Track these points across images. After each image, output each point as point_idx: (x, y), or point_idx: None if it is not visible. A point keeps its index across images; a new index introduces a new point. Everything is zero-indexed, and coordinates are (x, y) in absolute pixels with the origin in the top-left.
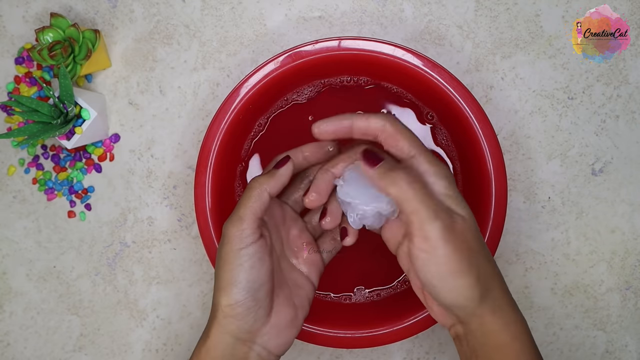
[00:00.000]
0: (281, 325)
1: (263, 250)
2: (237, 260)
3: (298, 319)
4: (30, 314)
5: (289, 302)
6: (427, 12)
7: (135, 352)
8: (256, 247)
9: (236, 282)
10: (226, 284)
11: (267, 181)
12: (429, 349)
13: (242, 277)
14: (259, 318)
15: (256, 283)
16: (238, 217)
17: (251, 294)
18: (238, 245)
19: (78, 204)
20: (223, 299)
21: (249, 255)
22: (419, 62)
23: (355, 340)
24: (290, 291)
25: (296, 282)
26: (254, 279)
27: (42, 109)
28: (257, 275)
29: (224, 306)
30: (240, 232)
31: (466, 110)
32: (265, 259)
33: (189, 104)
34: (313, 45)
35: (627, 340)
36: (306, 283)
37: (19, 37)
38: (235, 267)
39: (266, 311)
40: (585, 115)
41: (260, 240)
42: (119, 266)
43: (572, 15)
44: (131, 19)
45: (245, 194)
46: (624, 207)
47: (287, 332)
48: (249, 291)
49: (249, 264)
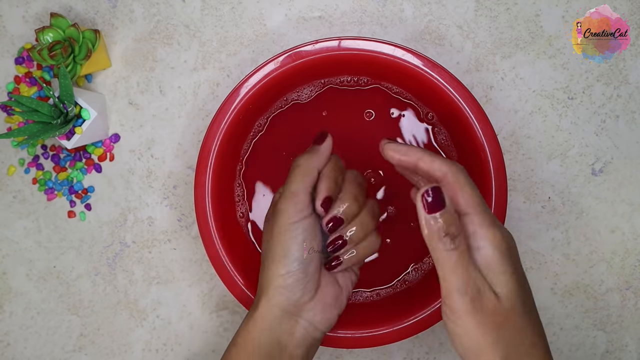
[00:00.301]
0: (326, 301)
1: (315, 225)
2: (292, 232)
3: (342, 298)
4: (30, 314)
5: (334, 281)
6: (427, 12)
7: (135, 352)
8: (309, 221)
9: (290, 253)
10: (280, 255)
11: (312, 157)
12: (429, 349)
13: (295, 248)
14: (307, 291)
15: (308, 256)
16: (291, 192)
17: (303, 266)
18: (292, 219)
19: (78, 204)
20: (276, 269)
21: (303, 228)
22: (419, 62)
23: (355, 340)
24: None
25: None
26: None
27: (42, 109)
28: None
29: (276, 276)
30: (295, 205)
31: (466, 110)
32: (317, 234)
33: (189, 104)
34: (313, 45)
35: (627, 340)
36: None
37: (19, 37)
38: (289, 239)
39: (314, 285)
40: (585, 115)
41: (313, 215)
42: (119, 266)
43: (572, 15)
44: (131, 19)
45: (294, 172)
46: (624, 207)
47: (332, 309)
48: (302, 263)
49: (303, 236)
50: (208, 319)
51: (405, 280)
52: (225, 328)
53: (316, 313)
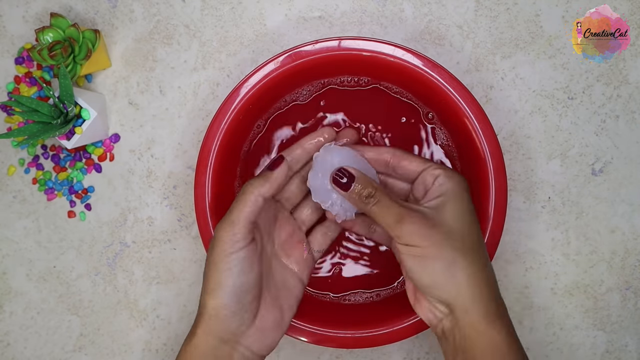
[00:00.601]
0: (266, 327)
1: (253, 255)
2: (227, 264)
3: (284, 321)
4: (30, 314)
5: (275, 304)
6: (427, 12)
7: (135, 352)
8: (246, 252)
9: (223, 286)
10: (214, 287)
11: (262, 185)
12: (429, 349)
13: (230, 281)
14: (244, 321)
15: (243, 288)
16: (230, 221)
17: (238, 298)
18: (229, 250)
19: (78, 204)
20: (209, 301)
21: (238, 259)
22: (419, 62)
23: (355, 340)
24: (278, 293)
25: (285, 284)
26: (242, 283)
27: (42, 109)
28: (246, 280)
29: (210, 308)
30: (232, 236)
31: (466, 110)
32: (255, 264)
33: (189, 104)
34: (313, 45)
35: (627, 340)
36: (297, 283)
37: (19, 37)
38: (224, 271)
39: (252, 315)
40: (585, 115)
41: (251, 244)
42: (119, 266)
43: (572, 15)
44: (131, 19)
45: (239, 198)
46: (624, 207)
47: (272, 334)
48: (236, 295)
49: (239, 268)
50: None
51: None
52: None
53: (255, 340)
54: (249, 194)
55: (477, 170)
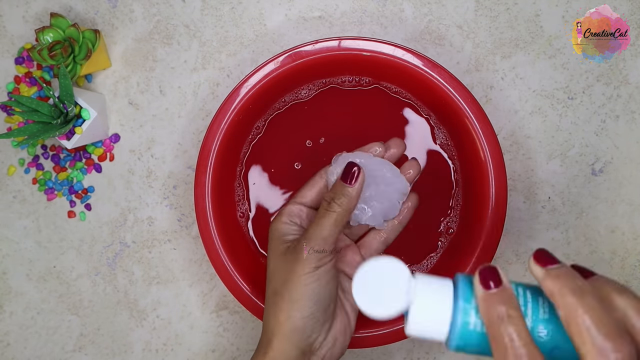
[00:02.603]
0: (338, 334)
1: (335, 268)
2: (313, 277)
3: (351, 324)
4: (30, 314)
5: (341, 310)
6: (427, 12)
7: (135, 352)
8: (331, 265)
9: (311, 297)
10: (300, 298)
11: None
12: (429, 349)
13: (317, 292)
14: (323, 331)
15: (327, 299)
16: (322, 238)
17: (323, 309)
18: (316, 264)
19: (78, 204)
20: (296, 312)
21: (325, 272)
22: (419, 62)
23: (355, 340)
24: (341, 299)
25: (343, 287)
26: (327, 295)
27: (42, 109)
28: (330, 291)
29: (295, 319)
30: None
31: (466, 110)
32: (336, 276)
33: (189, 104)
34: (313, 45)
35: None
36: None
37: (19, 37)
38: (311, 283)
39: (330, 324)
40: (585, 115)
41: (335, 259)
42: (119, 266)
43: (572, 15)
44: (131, 19)
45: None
46: (624, 207)
47: (342, 340)
48: (322, 306)
49: (325, 280)
50: (208, 319)
51: None
52: (225, 328)
53: (329, 348)
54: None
55: (477, 170)
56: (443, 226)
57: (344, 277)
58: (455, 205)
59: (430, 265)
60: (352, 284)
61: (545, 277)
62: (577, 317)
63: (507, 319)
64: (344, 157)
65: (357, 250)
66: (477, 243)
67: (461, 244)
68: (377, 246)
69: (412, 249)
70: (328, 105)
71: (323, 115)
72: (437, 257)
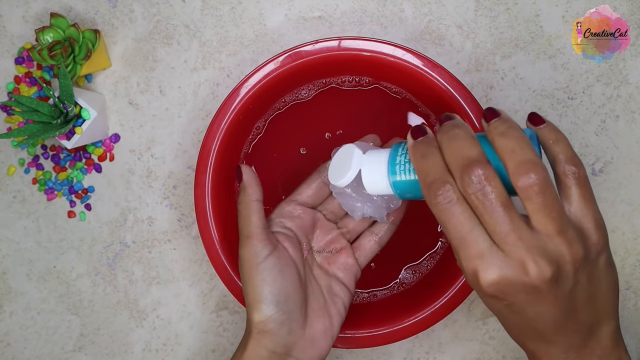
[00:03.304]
0: (316, 336)
1: (282, 262)
2: (258, 275)
3: (333, 328)
4: (30, 314)
5: (323, 311)
6: (427, 12)
7: (135, 352)
8: (273, 259)
9: (262, 298)
10: (253, 301)
11: (246, 192)
12: (429, 349)
13: (267, 291)
14: (293, 331)
15: (282, 295)
16: (245, 236)
17: (280, 308)
18: (255, 261)
19: (78, 204)
20: (254, 316)
21: (268, 268)
22: (419, 62)
23: (355, 340)
24: (325, 300)
25: (331, 290)
26: (279, 291)
27: (42, 109)
28: (281, 287)
29: (256, 323)
30: (252, 248)
31: (466, 111)
32: (287, 270)
33: (189, 104)
34: (313, 45)
35: (627, 340)
36: (342, 289)
37: (19, 37)
38: (258, 283)
39: (300, 323)
40: (585, 115)
41: (276, 251)
42: (119, 266)
43: (572, 15)
44: (131, 19)
45: (240, 215)
46: (624, 207)
47: (322, 343)
48: (277, 304)
49: (271, 277)
50: (208, 319)
51: (403, 282)
52: (225, 328)
53: (306, 350)
54: (243, 204)
55: None
56: None
57: (335, 280)
58: None
59: (431, 266)
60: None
61: (488, 131)
62: (505, 146)
63: (428, 155)
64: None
65: (351, 253)
66: None
67: None
68: (372, 247)
69: (412, 249)
70: (328, 105)
71: (323, 115)
72: (437, 257)
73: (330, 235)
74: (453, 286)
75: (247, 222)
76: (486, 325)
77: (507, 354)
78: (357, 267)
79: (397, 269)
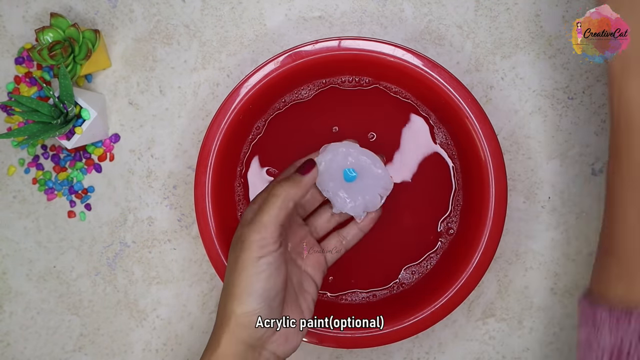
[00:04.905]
0: (290, 331)
1: (281, 260)
2: (256, 268)
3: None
4: (30, 314)
5: (296, 307)
6: (427, 12)
7: (135, 352)
8: (275, 256)
9: (253, 291)
10: (242, 292)
11: (293, 190)
12: (429, 349)
13: (259, 286)
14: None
15: (272, 292)
16: (262, 224)
17: (267, 303)
18: (258, 253)
19: (78, 204)
20: (238, 307)
21: (267, 264)
22: (419, 62)
23: (355, 340)
24: (297, 296)
25: (302, 286)
26: (271, 288)
27: (42, 109)
28: (274, 284)
29: (238, 314)
30: (262, 240)
31: (466, 110)
32: (282, 268)
33: (189, 104)
34: (313, 45)
35: None
36: (311, 285)
37: (19, 37)
38: (252, 275)
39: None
40: (585, 115)
41: (280, 249)
42: (119, 266)
43: (572, 15)
44: (131, 19)
45: (270, 200)
46: None
47: (295, 337)
48: (265, 300)
49: (267, 273)
50: (208, 319)
51: (402, 282)
52: None
53: (280, 343)
54: (279, 197)
55: (477, 170)
56: (443, 226)
57: (306, 276)
58: (455, 206)
59: (430, 266)
60: None
61: None
62: None
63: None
64: (332, 146)
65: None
66: (477, 243)
67: (461, 244)
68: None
69: (412, 249)
70: (328, 105)
71: (323, 115)
72: (437, 257)
73: (301, 232)
74: (453, 286)
75: (271, 211)
76: (486, 325)
77: (507, 354)
78: (325, 264)
79: (396, 269)
